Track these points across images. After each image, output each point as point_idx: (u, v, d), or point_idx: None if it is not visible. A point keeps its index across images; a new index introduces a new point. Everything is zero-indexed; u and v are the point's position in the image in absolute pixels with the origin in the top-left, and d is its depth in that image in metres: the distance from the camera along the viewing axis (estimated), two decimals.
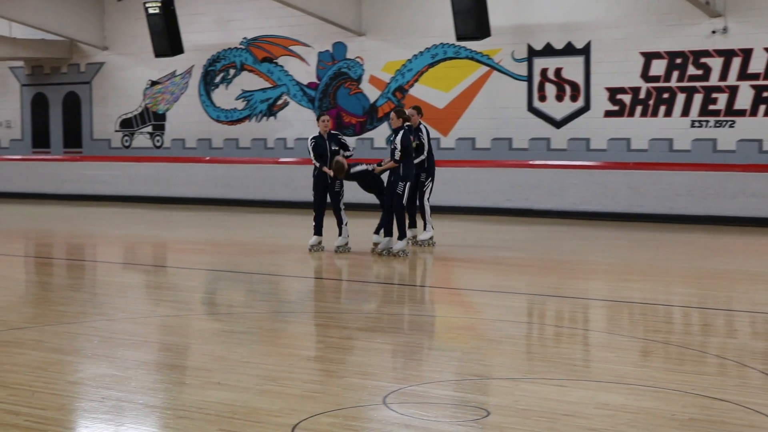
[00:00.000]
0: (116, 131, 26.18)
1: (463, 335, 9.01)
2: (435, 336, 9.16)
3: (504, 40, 20.99)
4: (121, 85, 26.02)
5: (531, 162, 20.75)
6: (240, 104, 24.51)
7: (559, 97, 20.73)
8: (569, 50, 20.58)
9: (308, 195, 22.63)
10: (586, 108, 20.43)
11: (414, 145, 14.41)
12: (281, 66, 23.98)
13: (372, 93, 22.93)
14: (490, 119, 21.54)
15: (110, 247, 16.85)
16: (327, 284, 12.62)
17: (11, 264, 14.57)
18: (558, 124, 20.75)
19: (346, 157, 14.66)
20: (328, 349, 8.38)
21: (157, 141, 25.46)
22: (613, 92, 20.14)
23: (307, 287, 12.36)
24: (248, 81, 24.40)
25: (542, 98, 20.92)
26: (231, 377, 7.27)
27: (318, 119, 14.97)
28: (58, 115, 27.01)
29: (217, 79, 24.81)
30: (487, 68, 21.51)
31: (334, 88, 23.39)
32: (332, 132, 14.86)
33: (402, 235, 14.24)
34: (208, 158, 24.19)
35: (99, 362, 7.83)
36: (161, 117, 25.43)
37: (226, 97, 24.60)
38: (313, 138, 14.78)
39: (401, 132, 13.94)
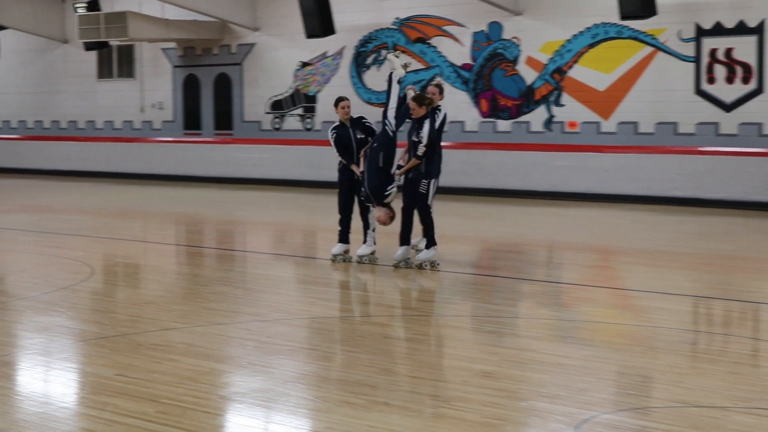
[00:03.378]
0: (266, 113, 25.82)
1: (653, 349, 8.04)
2: (620, 349, 8.16)
3: (670, 19, 19.85)
4: (272, 66, 25.64)
5: (699, 148, 19.59)
6: None
7: (730, 79, 19.50)
8: (741, 29, 19.31)
9: (460, 180, 22.04)
10: (758, 91, 19.15)
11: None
12: (434, 47, 23.25)
13: (529, 75, 22.04)
14: (654, 102, 20.43)
15: (260, 235, 16.39)
16: (484, 281, 11.61)
17: (162, 253, 14.19)
18: (728, 107, 19.51)
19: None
20: (504, 362, 7.50)
21: (308, 124, 24.99)
22: None
23: (468, 284, 11.48)
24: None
25: (711, 80, 19.70)
26: (400, 396, 6.54)
27: (336, 105, 12.46)
28: (209, 97, 26.81)
29: (369, 60, 24.22)
30: (652, 48, 20.39)
31: (489, 70, 22.57)
32: (355, 117, 12.40)
33: (430, 243, 11.95)
34: None
35: (254, 373, 7.19)
36: (312, 99, 24.95)
37: (377, 78, 23.97)
38: (334, 128, 12.42)
39: (426, 122, 11.65)
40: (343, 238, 12.48)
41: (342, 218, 12.49)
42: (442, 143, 12.15)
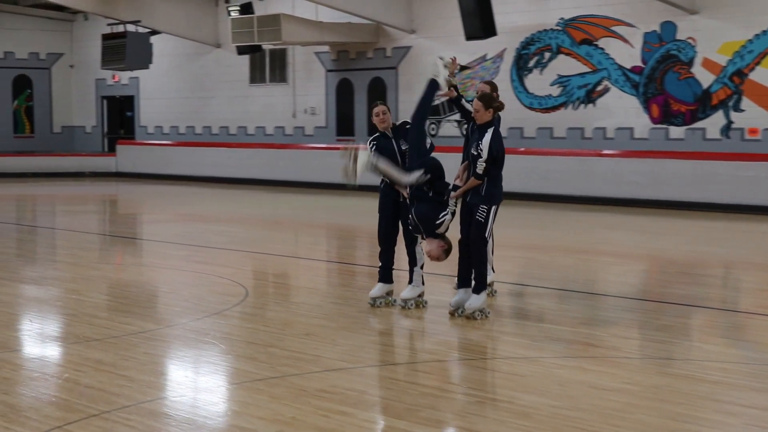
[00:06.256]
0: None
1: None
2: None
3: None
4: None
5: None
6: (555, 90, 22.59)
7: None
8: None
9: (632, 191, 20.56)
10: None
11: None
12: (602, 48, 21.88)
13: (705, 78, 20.50)
14: None
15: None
16: (658, 309, 10.15)
17: (317, 271, 13.19)
18: None
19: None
20: (750, 428, 6.02)
21: (465, 129, 23.80)
22: None
23: (657, 314, 9.99)
24: (565, 65, 22.44)
25: None
26: None
27: (372, 113, 10.29)
28: (362, 102, 25.89)
29: (531, 63, 22.98)
30: None
31: (661, 73, 21.10)
32: (398, 125, 10.17)
33: (479, 287, 9.53)
34: (523, 149, 22.25)
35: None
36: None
37: (540, 82, 22.71)
38: (373, 139, 10.13)
39: (489, 132, 9.41)
40: (385, 276, 10.27)
41: (383, 251, 10.25)
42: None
